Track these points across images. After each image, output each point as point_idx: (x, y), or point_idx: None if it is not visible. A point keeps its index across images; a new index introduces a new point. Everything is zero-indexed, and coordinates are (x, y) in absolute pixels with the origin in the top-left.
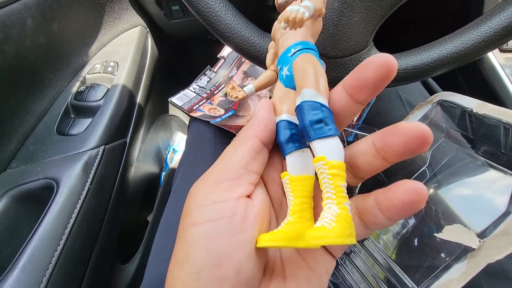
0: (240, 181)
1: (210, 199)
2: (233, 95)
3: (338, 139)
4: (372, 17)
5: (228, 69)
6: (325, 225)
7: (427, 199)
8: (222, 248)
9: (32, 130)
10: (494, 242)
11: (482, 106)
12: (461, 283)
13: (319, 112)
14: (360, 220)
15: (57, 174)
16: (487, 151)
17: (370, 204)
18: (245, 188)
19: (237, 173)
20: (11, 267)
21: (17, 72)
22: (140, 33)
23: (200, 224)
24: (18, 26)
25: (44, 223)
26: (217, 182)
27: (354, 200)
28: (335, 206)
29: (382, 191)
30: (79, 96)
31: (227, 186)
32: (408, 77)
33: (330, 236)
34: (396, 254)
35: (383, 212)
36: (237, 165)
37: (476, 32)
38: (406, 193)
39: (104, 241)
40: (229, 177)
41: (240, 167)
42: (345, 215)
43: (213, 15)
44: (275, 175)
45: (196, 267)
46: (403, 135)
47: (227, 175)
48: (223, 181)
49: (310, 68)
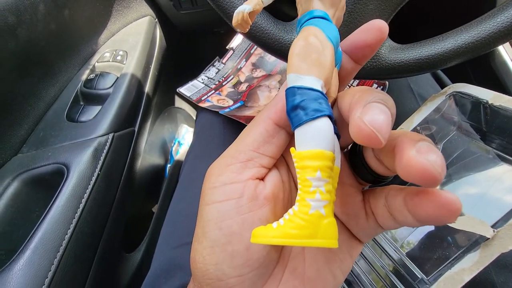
0: (250, 164)
1: (220, 181)
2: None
3: (320, 121)
4: (387, 5)
5: (237, 60)
6: (274, 223)
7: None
8: (231, 226)
9: (42, 116)
10: (508, 232)
11: (497, 98)
12: (473, 272)
13: (295, 97)
14: (390, 215)
15: (67, 160)
16: (500, 144)
17: (399, 203)
18: (255, 170)
19: (247, 155)
20: (23, 249)
21: (28, 57)
22: (149, 23)
23: (211, 204)
24: (30, 11)
25: (55, 207)
26: (227, 164)
27: (385, 192)
28: (296, 203)
29: (412, 195)
30: (88, 83)
31: (236, 168)
32: (422, 67)
33: (269, 235)
34: (405, 245)
35: (413, 215)
36: (248, 147)
37: (492, 23)
38: (437, 208)
39: (112, 227)
40: (239, 159)
41: (250, 149)
42: (303, 213)
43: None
44: None
45: (211, 242)
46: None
47: (237, 158)
48: (233, 164)
49: (298, 46)
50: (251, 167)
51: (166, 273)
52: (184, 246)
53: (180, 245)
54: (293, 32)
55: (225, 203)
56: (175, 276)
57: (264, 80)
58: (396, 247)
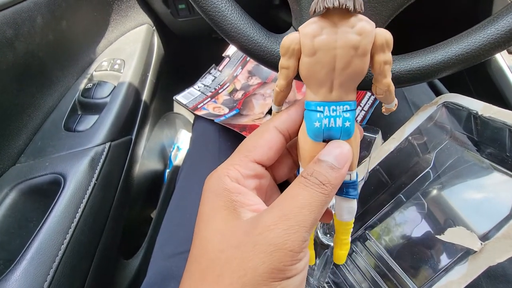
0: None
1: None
2: None
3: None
4: (378, 18)
5: (233, 68)
6: None
7: (431, 201)
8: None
9: (40, 126)
10: (496, 245)
11: (487, 109)
12: (461, 285)
13: None
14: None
15: (64, 169)
16: (492, 154)
17: None
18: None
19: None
20: (19, 259)
21: (27, 69)
22: (146, 31)
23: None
24: (28, 24)
25: (52, 217)
26: None
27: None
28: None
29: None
30: (86, 93)
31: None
32: (414, 79)
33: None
34: (397, 254)
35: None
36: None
37: (482, 34)
38: None
39: (109, 235)
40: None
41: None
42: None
43: (219, 14)
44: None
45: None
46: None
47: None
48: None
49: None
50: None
51: (160, 282)
52: (178, 255)
53: (174, 254)
54: None
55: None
56: (169, 286)
57: (259, 89)
58: (389, 257)
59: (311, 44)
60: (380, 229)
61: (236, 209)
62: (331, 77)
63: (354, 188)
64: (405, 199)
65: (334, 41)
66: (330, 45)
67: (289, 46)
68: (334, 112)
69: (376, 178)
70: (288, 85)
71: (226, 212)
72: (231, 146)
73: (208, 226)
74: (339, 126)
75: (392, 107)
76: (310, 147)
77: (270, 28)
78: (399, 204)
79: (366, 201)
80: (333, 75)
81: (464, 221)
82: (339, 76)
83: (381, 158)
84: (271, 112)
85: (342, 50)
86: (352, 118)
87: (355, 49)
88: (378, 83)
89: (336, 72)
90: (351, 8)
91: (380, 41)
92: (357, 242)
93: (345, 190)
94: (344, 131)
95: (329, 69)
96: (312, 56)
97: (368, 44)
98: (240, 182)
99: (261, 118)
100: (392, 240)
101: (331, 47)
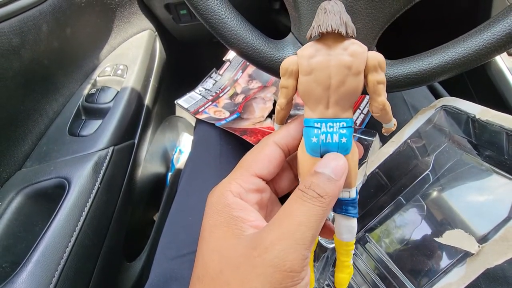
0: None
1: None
2: None
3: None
4: (374, 24)
5: (233, 71)
6: None
7: (430, 203)
8: None
9: (45, 131)
10: (494, 247)
11: (484, 112)
12: (460, 286)
13: None
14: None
15: (68, 174)
16: (491, 157)
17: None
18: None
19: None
20: (25, 262)
21: (32, 75)
22: (149, 36)
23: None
24: (33, 32)
25: (56, 220)
26: None
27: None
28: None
29: None
30: (90, 98)
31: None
32: (411, 83)
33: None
34: (397, 257)
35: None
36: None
37: (478, 39)
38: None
39: (112, 238)
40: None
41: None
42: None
43: (218, 21)
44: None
45: None
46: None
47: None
48: None
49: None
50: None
51: (163, 284)
52: (180, 257)
53: (177, 257)
54: (283, 50)
55: None
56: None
57: (260, 92)
58: (388, 260)
59: (307, 64)
60: (380, 231)
61: (237, 224)
62: (327, 95)
63: (354, 207)
64: (404, 201)
65: (328, 61)
66: (324, 64)
67: (288, 67)
68: (331, 129)
69: (376, 180)
70: (288, 103)
71: (226, 228)
72: (232, 150)
73: (209, 244)
74: (336, 142)
75: (391, 127)
76: (308, 162)
77: (270, 32)
78: (399, 207)
79: (366, 204)
80: (328, 93)
81: (463, 223)
82: (334, 94)
83: (381, 161)
84: (272, 116)
85: (335, 68)
86: (349, 134)
87: (348, 68)
88: (374, 102)
89: (331, 89)
90: (343, 33)
91: (372, 62)
92: (357, 245)
93: (345, 208)
94: (341, 147)
95: (325, 87)
96: (308, 75)
97: (361, 64)
98: (242, 197)
99: (262, 122)
100: (392, 242)
101: (326, 66)
